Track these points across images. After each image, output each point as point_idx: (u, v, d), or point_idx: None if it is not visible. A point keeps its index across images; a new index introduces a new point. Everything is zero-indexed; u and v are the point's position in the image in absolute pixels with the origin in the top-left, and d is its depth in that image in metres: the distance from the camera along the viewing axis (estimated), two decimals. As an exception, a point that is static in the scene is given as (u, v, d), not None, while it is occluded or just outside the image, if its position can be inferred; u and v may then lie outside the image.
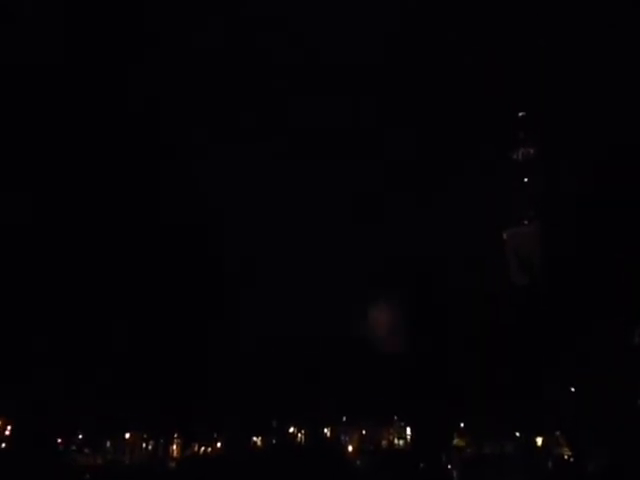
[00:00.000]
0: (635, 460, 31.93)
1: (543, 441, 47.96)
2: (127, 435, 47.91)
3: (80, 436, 43.81)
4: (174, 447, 55.72)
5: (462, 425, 57.27)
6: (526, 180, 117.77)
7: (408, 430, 68.11)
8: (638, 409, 34.68)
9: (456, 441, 57.22)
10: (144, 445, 50.37)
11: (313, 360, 63.69)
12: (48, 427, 34.38)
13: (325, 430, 72.94)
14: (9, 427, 36.67)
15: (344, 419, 72.10)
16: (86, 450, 44.88)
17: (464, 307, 53.33)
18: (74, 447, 44.12)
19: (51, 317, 30.02)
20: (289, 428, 71.23)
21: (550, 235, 56.77)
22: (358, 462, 49.55)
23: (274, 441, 66.36)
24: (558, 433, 46.48)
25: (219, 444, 61.84)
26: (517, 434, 49.84)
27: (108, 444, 48.26)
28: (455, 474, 41.83)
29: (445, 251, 63.15)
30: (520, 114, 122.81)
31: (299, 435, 73.07)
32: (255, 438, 68.83)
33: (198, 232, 43.85)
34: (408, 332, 53.63)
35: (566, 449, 44.33)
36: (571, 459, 42.08)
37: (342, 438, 72.46)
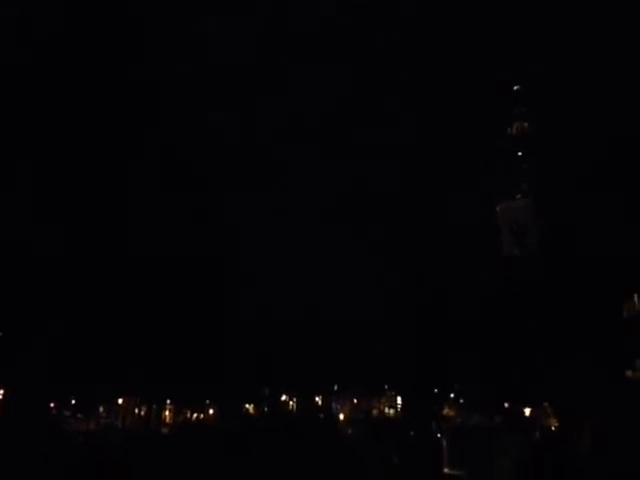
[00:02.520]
0: (621, 431, 32.48)
1: (531, 412, 48.67)
2: (120, 400, 48.08)
3: (73, 401, 43.89)
4: (167, 413, 56.08)
5: (452, 395, 58.10)
6: (520, 154, 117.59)
7: (399, 399, 68.91)
8: (626, 381, 35.10)
9: (446, 411, 58.13)
10: (136, 410, 50.62)
11: (306, 329, 64.18)
12: (40, 392, 34.41)
13: (317, 399, 73.85)
14: (1, 392, 36.51)
15: (335, 388, 72.88)
16: (79, 415, 44.97)
17: (459, 279, 53.62)
18: (67, 412, 44.24)
19: (51, 289, 29.99)
20: (281, 396, 71.94)
21: (544, 208, 56.91)
22: (349, 430, 50.29)
23: (266, 409, 67.14)
24: (546, 404, 47.11)
25: (211, 411, 62.35)
26: (506, 405, 50.51)
27: (101, 409, 48.38)
28: (444, 443, 42.42)
29: (440, 224, 63.17)
30: (515, 88, 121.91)
31: (291, 403, 73.85)
32: (247, 405, 69.41)
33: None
34: (404, 303, 54.21)
35: (553, 420, 45.02)
36: (558, 430, 42.80)
37: (333, 406, 73.37)
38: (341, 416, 65.81)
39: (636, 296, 35.26)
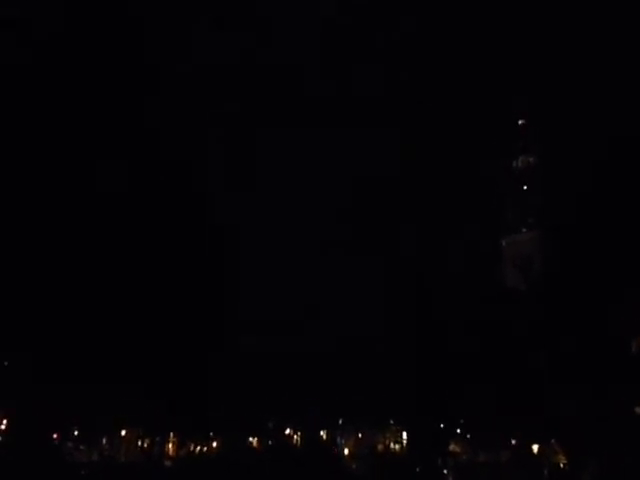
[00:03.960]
0: (630, 468, 31.99)
1: (539, 449, 47.86)
2: (123, 432, 47.66)
3: (76, 432, 43.59)
4: (170, 445, 55.45)
5: (458, 431, 57.25)
6: (525, 188, 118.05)
7: (404, 434, 68.00)
8: (635, 418, 34.68)
9: (452, 447, 57.22)
10: (139, 442, 50.12)
11: (311, 362, 63.85)
12: (44, 422, 34.23)
13: (321, 432, 72.92)
14: (5, 421, 36.34)
15: (340, 422, 72.03)
16: (82, 446, 44.62)
17: (463, 313, 53.42)
18: (70, 443, 43.89)
19: (55, 311, 29.98)
20: (285, 430, 71.12)
21: (549, 242, 57.00)
22: (354, 465, 49.62)
23: (270, 442, 66.29)
24: (554, 441, 46.38)
25: (215, 444, 61.67)
26: (513, 442, 49.72)
27: (104, 441, 47.96)
28: (450, 479, 41.88)
29: (444, 257, 63.23)
30: (520, 122, 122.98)
31: (295, 437, 72.91)
32: (251, 439, 68.64)
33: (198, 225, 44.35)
34: (408, 337, 53.87)
35: (562, 457, 44.28)
36: (566, 467, 42.10)
37: (338, 441, 72.35)
38: (346, 451, 64.94)
39: (645, 332, 35.06)
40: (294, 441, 72.31)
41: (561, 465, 43.58)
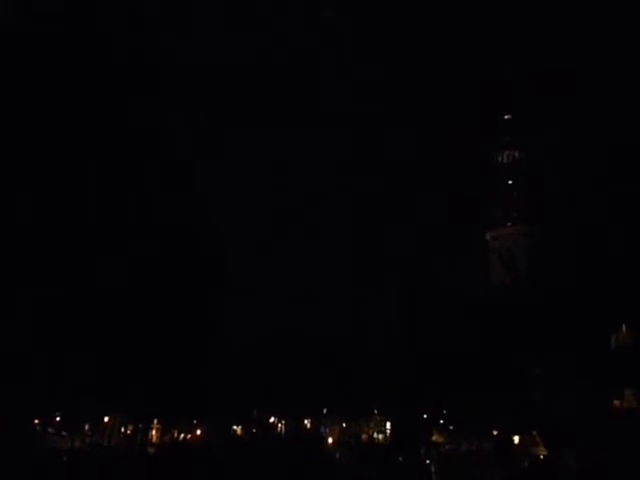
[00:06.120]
0: (609, 460, 32.59)
1: (520, 440, 48.56)
2: (106, 419, 47.38)
3: (58, 418, 43.28)
4: (153, 432, 55.34)
5: (441, 421, 57.86)
6: (510, 182, 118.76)
7: (388, 424, 68.52)
8: (613, 411, 35.31)
9: (435, 437, 57.83)
10: (123, 429, 49.91)
11: (296, 352, 64.13)
12: (25, 408, 33.90)
13: (305, 421, 73.26)
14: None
15: (324, 411, 72.31)
16: (64, 433, 44.34)
17: (448, 306, 53.85)
18: (51, 429, 43.57)
19: (39, 302, 29.68)
20: (269, 418, 71.32)
21: (534, 236, 57.71)
22: (337, 454, 49.89)
23: (254, 430, 66.59)
24: (534, 433, 47.09)
25: (199, 431, 61.74)
26: (495, 432, 50.40)
27: (86, 427, 47.72)
28: (433, 469, 42.32)
29: (430, 251, 63.76)
30: (506, 117, 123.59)
31: (279, 425, 73.20)
32: (235, 427, 68.78)
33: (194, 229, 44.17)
34: (394, 330, 54.22)
35: (542, 448, 44.99)
36: (546, 458, 42.78)
37: (322, 430, 72.65)
38: (329, 440, 65.27)
39: (624, 326, 35.59)
40: (278, 429, 72.63)
41: (541, 456, 44.27)
